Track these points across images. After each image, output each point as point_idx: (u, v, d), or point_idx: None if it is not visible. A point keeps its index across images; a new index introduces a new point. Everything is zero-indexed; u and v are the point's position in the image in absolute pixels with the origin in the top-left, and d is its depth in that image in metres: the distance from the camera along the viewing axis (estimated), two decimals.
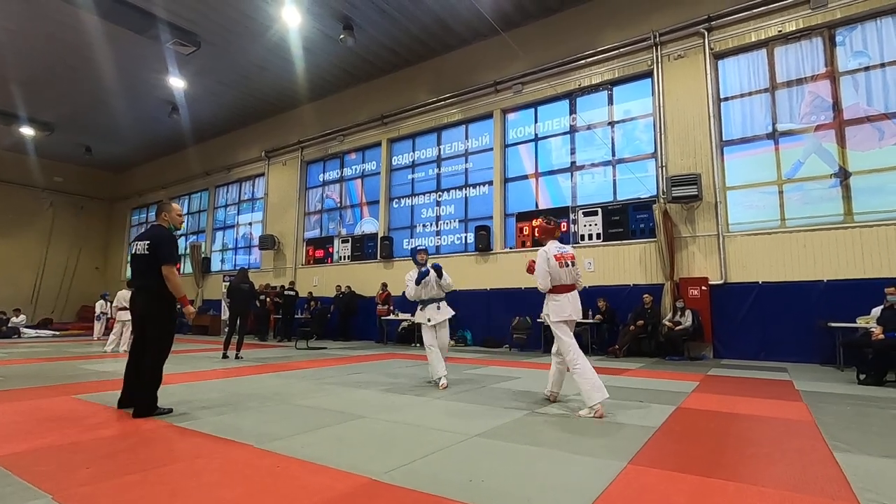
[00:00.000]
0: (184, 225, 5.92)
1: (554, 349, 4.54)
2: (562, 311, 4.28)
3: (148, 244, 4.00)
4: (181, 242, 21.15)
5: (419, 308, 5.82)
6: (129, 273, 17.59)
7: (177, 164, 21.31)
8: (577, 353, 4.18)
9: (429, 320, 5.66)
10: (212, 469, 2.65)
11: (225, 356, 8.36)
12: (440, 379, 5.45)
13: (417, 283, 5.62)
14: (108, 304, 14.04)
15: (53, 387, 5.42)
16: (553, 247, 4.40)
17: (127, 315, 9.69)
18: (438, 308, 5.70)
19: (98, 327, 14.29)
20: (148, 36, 12.07)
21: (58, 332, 16.79)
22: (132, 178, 23.88)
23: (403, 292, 5.93)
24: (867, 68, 8.56)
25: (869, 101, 8.49)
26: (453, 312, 5.87)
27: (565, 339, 4.26)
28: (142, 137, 19.72)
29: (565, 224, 11.09)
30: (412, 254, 5.87)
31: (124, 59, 13.43)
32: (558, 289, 4.34)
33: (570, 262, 4.37)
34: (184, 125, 17.74)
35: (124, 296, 10.11)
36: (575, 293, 4.39)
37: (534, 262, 4.49)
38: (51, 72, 14.24)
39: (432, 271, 5.69)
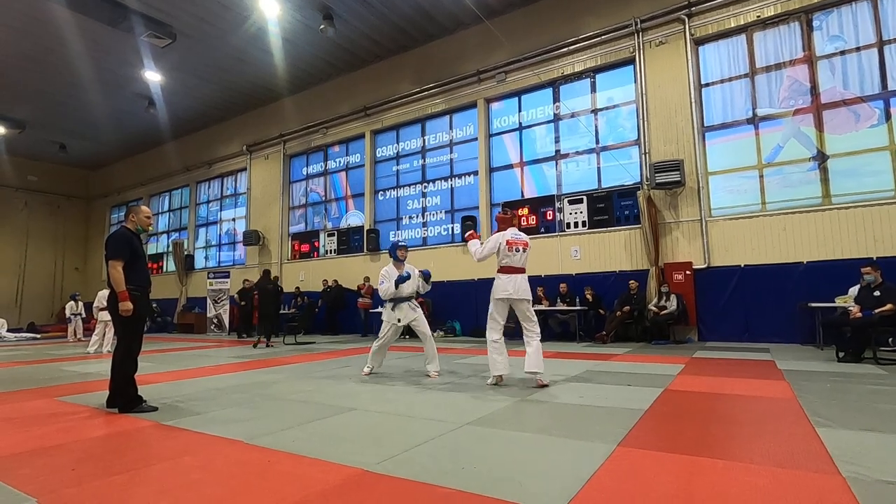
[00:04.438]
0: (152, 227, 6.05)
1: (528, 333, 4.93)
2: (502, 290, 4.81)
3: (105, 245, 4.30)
4: (163, 240, 20.79)
5: (389, 306, 5.69)
6: None
7: (156, 161, 20.82)
8: (493, 332, 4.86)
9: (399, 321, 5.61)
10: (200, 466, 2.61)
11: (267, 345, 10.13)
12: (371, 369, 5.75)
13: (396, 286, 5.54)
14: (78, 304, 13.84)
15: (35, 389, 5.30)
16: (509, 233, 4.90)
17: (108, 315, 9.57)
18: (413, 308, 5.67)
19: (71, 329, 13.98)
20: (121, 28, 11.70)
21: (38, 336, 16.41)
22: (110, 176, 23.29)
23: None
24: (843, 52, 8.69)
25: (845, 85, 8.63)
26: (420, 310, 5.87)
27: (492, 314, 4.87)
28: (118, 134, 19.19)
29: (551, 212, 11.19)
30: (392, 249, 5.72)
31: (97, 52, 13.03)
32: (505, 270, 4.85)
33: (521, 248, 4.87)
34: (161, 120, 17.31)
35: (104, 295, 9.92)
36: (522, 276, 4.86)
37: (474, 233, 5.21)
38: (20, 67, 13.76)
39: (420, 279, 5.70)
